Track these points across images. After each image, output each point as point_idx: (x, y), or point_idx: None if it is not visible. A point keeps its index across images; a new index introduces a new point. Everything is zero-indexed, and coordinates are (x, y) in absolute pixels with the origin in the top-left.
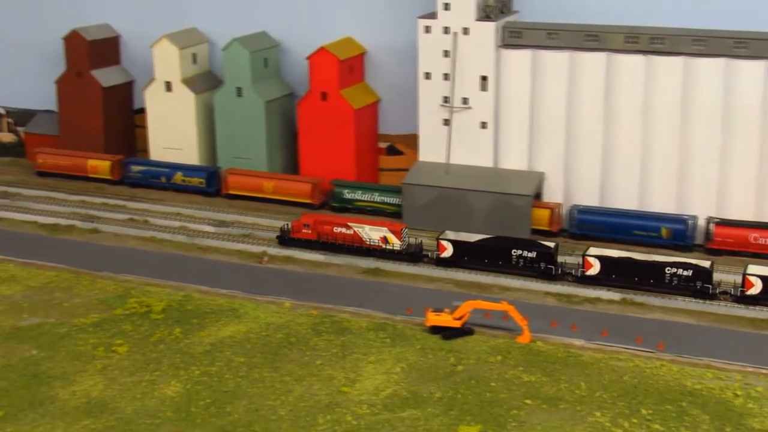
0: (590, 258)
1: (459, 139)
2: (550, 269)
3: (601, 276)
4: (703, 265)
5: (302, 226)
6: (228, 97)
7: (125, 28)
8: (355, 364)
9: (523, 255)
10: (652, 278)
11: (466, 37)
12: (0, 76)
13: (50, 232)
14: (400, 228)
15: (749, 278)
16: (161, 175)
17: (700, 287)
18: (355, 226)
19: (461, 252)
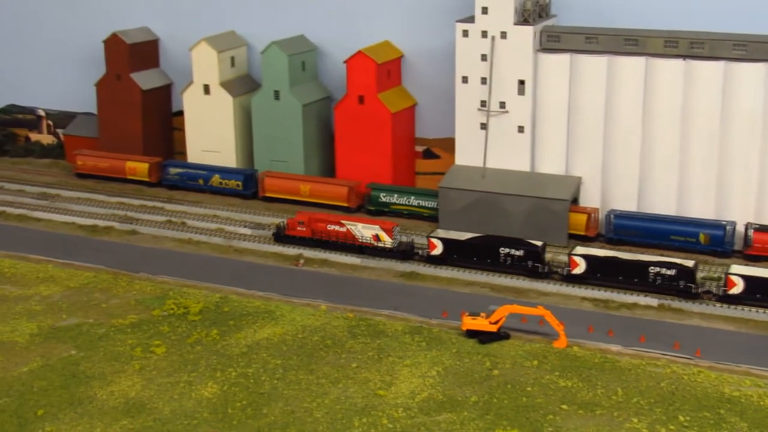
0: (576, 257)
1: (496, 143)
2: (537, 267)
3: (587, 275)
4: (686, 265)
5: (297, 223)
6: (265, 100)
7: (164, 31)
8: (390, 367)
9: (511, 253)
10: (636, 277)
11: (504, 41)
12: (41, 79)
13: (89, 234)
14: (391, 226)
15: (731, 278)
16: (199, 178)
17: (683, 287)
18: (348, 224)
19: (451, 250)
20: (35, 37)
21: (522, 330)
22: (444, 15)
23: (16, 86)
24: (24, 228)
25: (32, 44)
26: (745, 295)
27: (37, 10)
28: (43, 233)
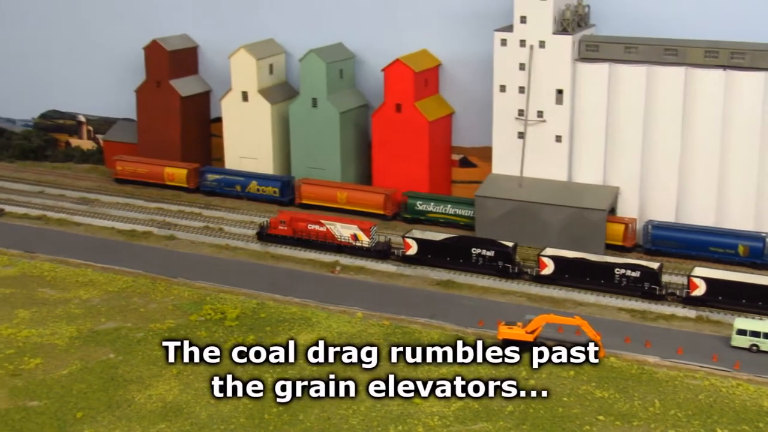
0: (545, 258)
1: (533, 152)
2: (507, 268)
3: (555, 276)
4: (651, 267)
5: (279, 222)
6: (303, 107)
7: (204, 38)
8: (427, 376)
9: (482, 254)
10: (602, 279)
11: (543, 51)
12: (81, 85)
13: (128, 238)
14: (369, 226)
15: (693, 280)
16: (236, 184)
17: (648, 288)
18: (328, 224)
19: (425, 250)
20: (77, 43)
21: (558, 340)
22: (482, 24)
23: (57, 92)
24: (64, 232)
25: (74, 50)
26: (708, 297)
27: (78, 17)
28: (82, 238)
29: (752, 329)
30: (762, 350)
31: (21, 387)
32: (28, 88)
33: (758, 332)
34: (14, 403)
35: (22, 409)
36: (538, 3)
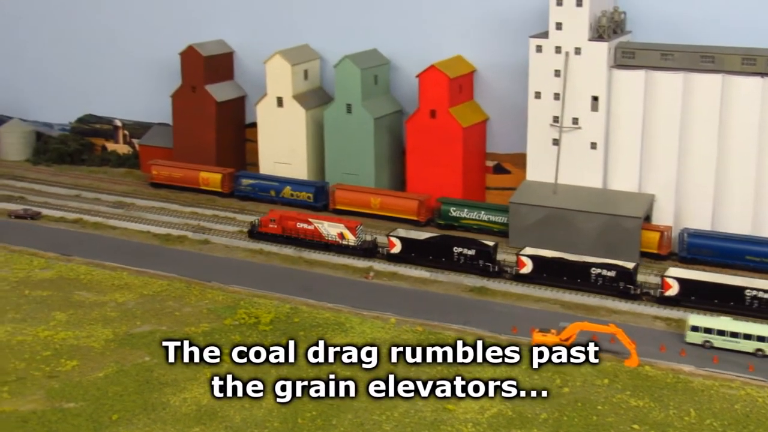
0: (524, 257)
1: (568, 159)
2: (488, 266)
3: (534, 275)
4: (626, 267)
5: (269, 221)
6: (338, 113)
7: (239, 44)
8: (458, 374)
9: (464, 252)
10: (579, 278)
11: (578, 57)
12: (118, 90)
13: (163, 242)
14: (355, 225)
15: (667, 280)
16: (270, 189)
17: (623, 288)
18: (316, 222)
19: (409, 248)
20: (113, 49)
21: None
22: (517, 30)
23: (93, 97)
24: (100, 236)
25: (110, 56)
26: (681, 297)
27: (115, 23)
28: (118, 241)
29: (705, 326)
30: (715, 346)
31: (57, 389)
32: (66, 93)
33: (711, 329)
34: (51, 405)
35: (59, 410)
36: (574, 9)
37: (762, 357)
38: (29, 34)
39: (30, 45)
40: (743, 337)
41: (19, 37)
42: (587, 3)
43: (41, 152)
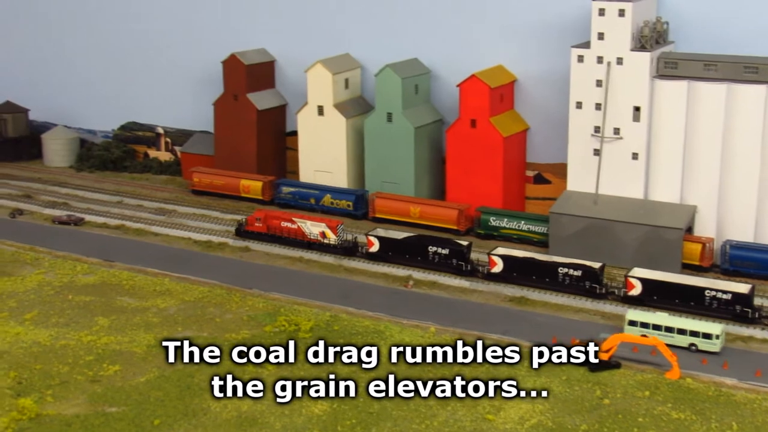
0: (495, 257)
1: (609, 169)
2: (461, 265)
3: (505, 274)
4: (592, 267)
5: (255, 220)
6: (378, 122)
7: (280, 52)
8: (500, 391)
9: (438, 252)
10: (547, 277)
11: (620, 67)
12: (160, 98)
13: (204, 249)
14: (336, 224)
15: (630, 280)
16: (310, 197)
17: (589, 287)
18: (299, 221)
19: (387, 247)
20: (156, 57)
21: (633, 359)
22: (558, 40)
23: (136, 104)
24: (142, 242)
25: (153, 64)
26: (644, 297)
27: (159, 31)
28: (160, 247)
29: (642, 320)
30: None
31: (100, 393)
32: (109, 101)
33: (647, 323)
34: (93, 409)
35: (101, 414)
36: (617, 19)
37: (695, 351)
38: (74, 44)
39: (75, 54)
40: (677, 332)
41: (64, 46)
42: (630, 13)
43: (84, 159)
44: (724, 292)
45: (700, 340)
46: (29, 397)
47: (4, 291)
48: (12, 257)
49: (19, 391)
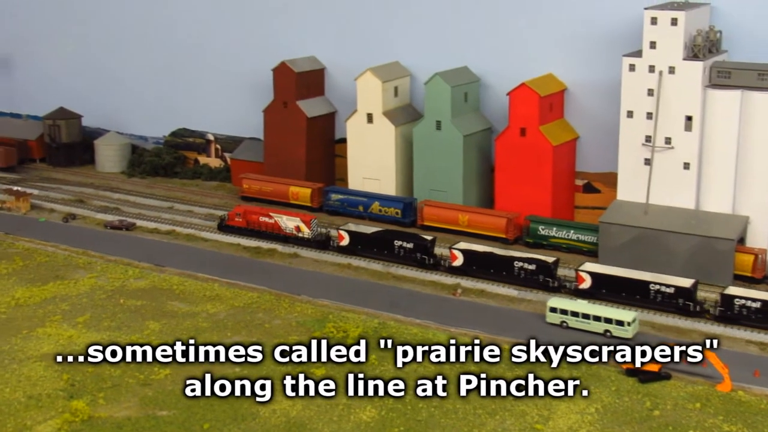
0: (455, 251)
1: (660, 179)
2: (424, 259)
3: (465, 267)
4: (546, 261)
5: (235, 215)
6: (427, 130)
7: (330, 60)
8: (548, 401)
9: (403, 246)
10: (504, 270)
11: (672, 76)
12: (211, 105)
13: (253, 255)
14: (310, 219)
15: (580, 274)
16: (359, 204)
17: (542, 280)
18: (276, 216)
19: (356, 242)
20: (207, 64)
21: (684, 371)
22: (610, 49)
23: (187, 111)
24: (192, 247)
25: (204, 71)
26: (593, 290)
27: (210, 39)
28: (210, 253)
29: (562, 307)
30: (570, 327)
31: (151, 396)
32: (160, 108)
33: (566, 310)
34: (144, 412)
35: (152, 417)
36: (669, 28)
37: (610, 337)
38: (127, 52)
39: (127, 61)
40: (593, 319)
41: (117, 54)
42: (682, 22)
43: (136, 164)
44: (668, 286)
45: (614, 327)
46: (81, 400)
47: (57, 294)
48: (65, 261)
49: (72, 394)
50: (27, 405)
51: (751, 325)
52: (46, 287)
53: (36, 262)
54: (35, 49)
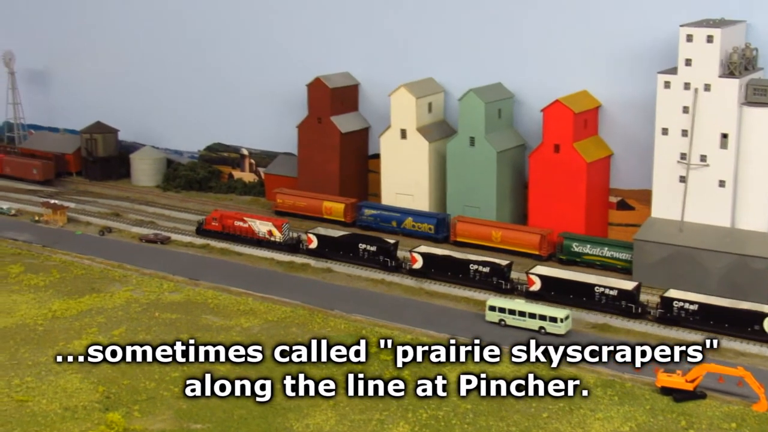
0: (416, 254)
1: (695, 196)
2: (386, 262)
3: (424, 269)
4: (498, 264)
5: (212, 219)
6: (461, 146)
7: (364, 76)
8: (582, 419)
9: (367, 248)
10: (460, 273)
11: (708, 94)
12: (245, 120)
13: (286, 270)
14: (281, 223)
15: (530, 277)
16: (392, 220)
17: (496, 282)
18: (249, 221)
19: (324, 245)
20: (242, 80)
21: (719, 390)
22: (644, 66)
23: (222, 126)
24: (226, 261)
25: (239, 87)
26: (543, 292)
27: (244, 55)
28: (244, 267)
29: (500, 306)
30: (508, 324)
31: (186, 409)
32: (195, 123)
33: (504, 308)
34: (179, 425)
35: (187, 430)
36: (705, 45)
37: (545, 334)
38: (163, 68)
39: (163, 76)
40: (529, 316)
41: (152, 69)
42: (718, 39)
43: (171, 179)
44: (611, 288)
45: (548, 324)
46: (117, 412)
47: (93, 307)
48: (101, 274)
49: (108, 406)
50: (63, 417)
51: (689, 326)
52: (82, 300)
53: (72, 274)
54: (73, 64)
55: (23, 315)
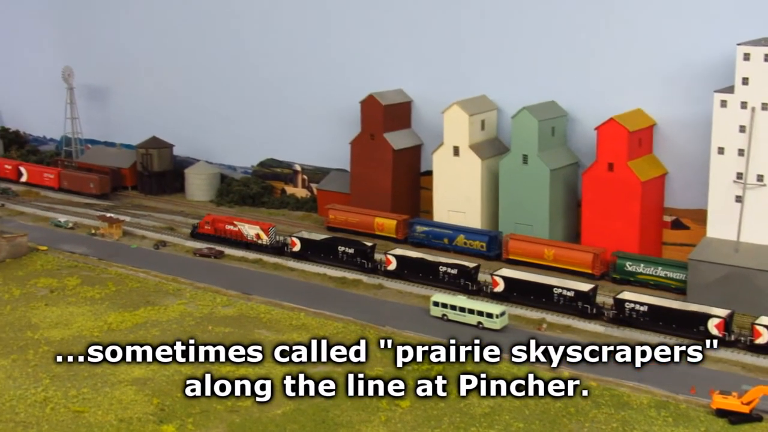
0: (390, 256)
1: (752, 216)
2: (363, 263)
3: (398, 271)
4: (466, 266)
5: (205, 223)
6: (513, 163)
7: (417, 93)
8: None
9: (345, 251)
10: (431, 275)
11: (765, 113)
12: (299, 136)
13: (338, 285)
14: (268, 227)
15: (495, 278)
16: (444, 237)
17: (463, 284)
18: (239, 224)
19: (306, 248)
20: (296, 96)
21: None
22: (700, 85)
23: (275, 142)
24: (279, 276)
25: (293, 103)
26: (507, 293)
27: (298, 72)
28: (296, 282)
29: (443, 302)
30: (450, 319)
31: (238, 423)
32: (249, 138)
33: (447, 304)
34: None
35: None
36: (762, 64)
37: (482, 329)
38: (218, 85)
39: (217, 93)
40: (468, 312)
41: (208, 86)
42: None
43: (224, 193)
44: (568, 290)
45: (485, 319)
46: (171, 424)
47: (148, 320)
48: (155, 287)
49: (162, 418)
50: (118, 428)
51: (639, 326)
52: (137, 312)
53: (128, 287)
54: (130, 80)
55: (80, 327)
